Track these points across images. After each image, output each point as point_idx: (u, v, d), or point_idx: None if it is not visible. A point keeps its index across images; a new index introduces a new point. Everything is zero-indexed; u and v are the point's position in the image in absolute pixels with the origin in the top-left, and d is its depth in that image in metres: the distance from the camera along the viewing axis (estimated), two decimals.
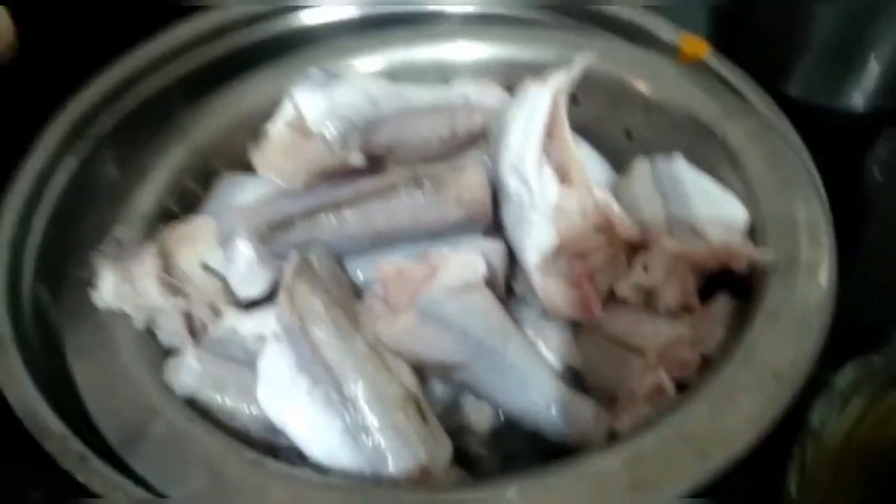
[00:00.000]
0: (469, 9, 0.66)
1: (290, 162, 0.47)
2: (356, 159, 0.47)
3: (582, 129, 0.61)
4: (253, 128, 0.53)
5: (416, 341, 0.42)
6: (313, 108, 0.46)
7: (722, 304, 0.47)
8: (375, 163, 0.50)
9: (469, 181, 0.46)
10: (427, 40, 0.62)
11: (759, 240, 0.48)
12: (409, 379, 0.43)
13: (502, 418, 0.49)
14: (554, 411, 0.45)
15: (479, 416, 0.49)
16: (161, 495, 0.38)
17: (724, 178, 0.53)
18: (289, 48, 0.61)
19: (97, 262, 0.46)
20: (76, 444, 0.39)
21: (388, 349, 0.43)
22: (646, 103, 0.58)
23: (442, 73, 0.63)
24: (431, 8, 0.66)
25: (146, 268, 0.46)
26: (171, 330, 0.46)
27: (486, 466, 0.50)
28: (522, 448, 0.49)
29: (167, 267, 0.48)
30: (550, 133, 0.49)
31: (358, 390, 0.41)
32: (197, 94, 0.58)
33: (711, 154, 0.54)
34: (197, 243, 0.48)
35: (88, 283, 0.46)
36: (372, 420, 0.41)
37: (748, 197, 0.51)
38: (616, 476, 0.37)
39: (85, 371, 0.43)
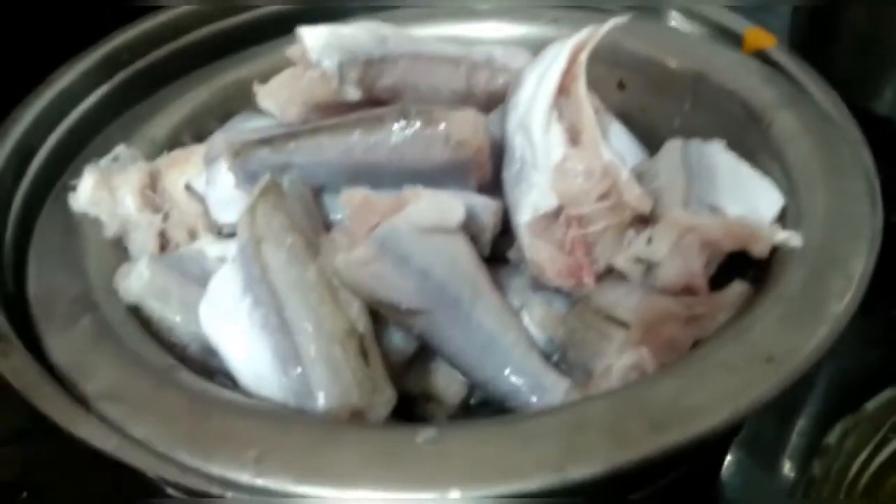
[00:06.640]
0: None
1: (286, 91, 0.45)
2: (352, 94, 0.45)
3: (626, 117, 0.56)
4: None
5: (371, 276, 0.39)
6: (315, 39, 0.45)
7: (735, 292, 0.41)
8: (380, 105, 0.48)
9: (461, 121, 0.42)
10: (462, 19, 0.60)
11: (790, 227, 0.42)
12: (359, 317, 0.39)
13: (472, 400, 0.45)
14: (522, 381, 0.40)
15: (449, 385, 0.45)
16: (67, 384, 0.36)
17: (768, 170, 0.47)
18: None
19: (86, 171, 0.46)
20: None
21: (344, 283, 0.40)
22: (694, 89, 0.53)
23: None
24: None
25: (129, 179, 0.46)
26: (142, 244, 0.45)
27: None
28: None
29: (154, 185, 0.47)
30: (566, 91, 0.45)
31: (296, 316, 0.38)
32: None
33: (757, 143, 0.48)
34: (187, 166, 0.48)
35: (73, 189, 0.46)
36: (304, 348, 0.38)
37: (789, 189, 0.44)
38: (547, 437, 0.32)
39: (40, 265, 0.42)
